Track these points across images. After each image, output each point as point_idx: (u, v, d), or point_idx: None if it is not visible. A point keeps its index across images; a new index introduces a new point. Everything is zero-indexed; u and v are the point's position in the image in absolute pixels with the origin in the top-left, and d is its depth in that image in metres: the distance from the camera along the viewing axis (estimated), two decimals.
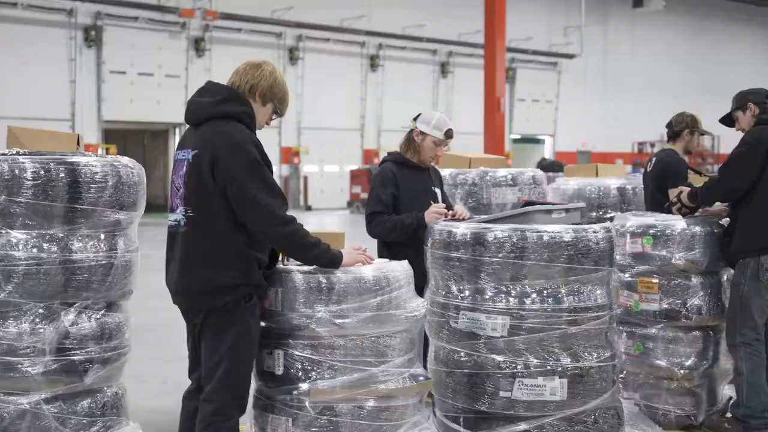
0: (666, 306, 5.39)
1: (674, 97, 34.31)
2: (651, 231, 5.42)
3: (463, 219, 4.83)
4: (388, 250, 5.11)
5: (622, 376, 5.57)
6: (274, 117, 3.99)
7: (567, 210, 4.70)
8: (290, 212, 3.80)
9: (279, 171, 29.55)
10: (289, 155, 29.57)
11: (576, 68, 37.03)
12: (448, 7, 32.11)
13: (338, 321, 3.81)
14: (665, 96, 35.87)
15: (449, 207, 5.13)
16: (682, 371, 5.38)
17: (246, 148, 3.68)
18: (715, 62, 40.64)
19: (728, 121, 5.76)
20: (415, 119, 5.20)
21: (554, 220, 4.53)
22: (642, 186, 6.38)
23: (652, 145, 34.03)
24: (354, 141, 31.52)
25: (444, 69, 33.71)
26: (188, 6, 27.14)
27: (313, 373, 3.86)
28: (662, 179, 5.96)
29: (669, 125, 6.40)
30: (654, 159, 6.37)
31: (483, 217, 4.78)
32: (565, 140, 37.07)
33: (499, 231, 4.26)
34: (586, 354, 4.32)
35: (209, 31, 28.18)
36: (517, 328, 4.24)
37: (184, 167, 3.79)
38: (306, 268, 3.90)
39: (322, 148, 30.18)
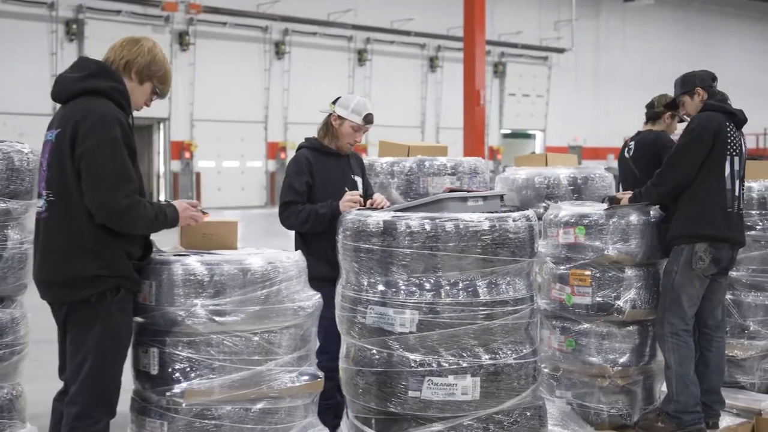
0: (599, 299, 5.12)
1: (666, 91, 33.64)
2: (584, 221, 5.15)
3: (381, 208, 4.57)
4: (303, 242, 4.85)
5: (556, 373, 5.32)
6: (154, 98, 3.72)
7: (485, 198, 4.44)
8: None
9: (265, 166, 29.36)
10: (276, 150, 29.32)
11: (567, 63, 36.75)
12: (437, 0, 31.81)
13: (217, 316, 3.55)
14: (657, 90, 34.37)
15: (370, 196, 4.87)
16: (615, 368, 5.11)
17: (107, 126, 3.42)
18: (707, 56, 40.29)
19: (673, 106, 5.50)
20: (333, 103, 4.93)
21: (470, 209, 4.27)
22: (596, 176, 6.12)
23: None
24: None
25: (433, 63, 33.42)
26: None
27: (191, 373, 3.58)
28: (650, 159, 5.62)
29: (650, 105, 6.14)
30: (633, 143, 6.09)
31: (396, 205, 4.52)
32: (555, 135, 36.76)
33: (410, 220, 4.00)
34: (503, 350, 4.07)
35: (193, 25, 27.88)
36: (429, 323, 3.97)
37: (48, 148, 3.52)
38: (185, 259, 3.62)
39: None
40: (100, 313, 3.44)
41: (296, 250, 4.89)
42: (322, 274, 4.68)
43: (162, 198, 28.32)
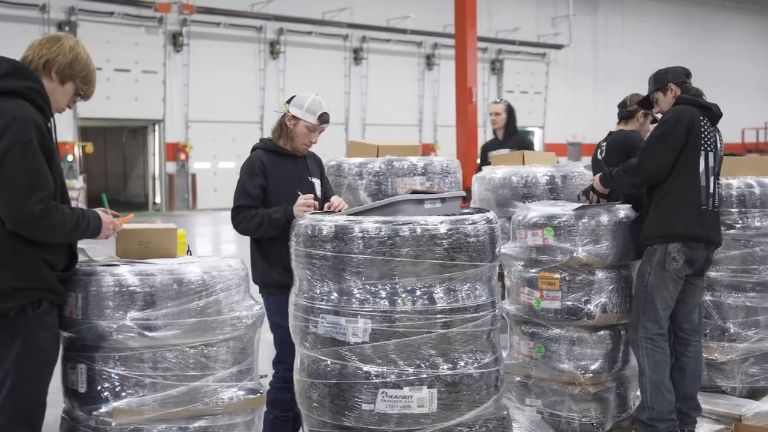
0: (568, 304, 4.91)
1: None
2: (553, 222, 4.95)
3: (339, 211, 4.38)
4: (258, 248, 4.66)
5: (527, 381, 5.12)
6: (78, 99, 3.52)
7: (443, 200, 4.24)
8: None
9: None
10: None
11: (565, 59, 36.57)
12: None
13: (148, 330, 3.34)
14: None
15: (329, 198, 4.67)
16: (586, 375, 4.89)
17: (21, 128, 3.20)
18: (706, 51, 40.13)
19: (647, 103, 5.30)
20: (288, 102, 4.74)
21: (427, 211, 4.07)
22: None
23: None
24: (339, 135, 31.04)
25: (429, 61, 33.25)
26: (164, 0, 26.67)
27: (121, 391, 3.37)
28: (622, 159, 5.44)
29: (622, 105, 5.96)
30: (605, 144, 5.91)
31: (350, 209, 4.32)
32: (554, 132, 36.57)
33: (364, 224, 3.80)
34: (464, 359, 3.87)
35: (187, 26, 27.75)
36: (384, 332, 3.78)
37: None
38: (115, 269, 3.42)
39: None
40: (20, 328, 3.23)
41: (251, 255, 4.73)
42: (277, 281, 4.51)
43: (158, 200, 28.25)
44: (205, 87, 27.62)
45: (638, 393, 5.00)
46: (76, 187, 23.30)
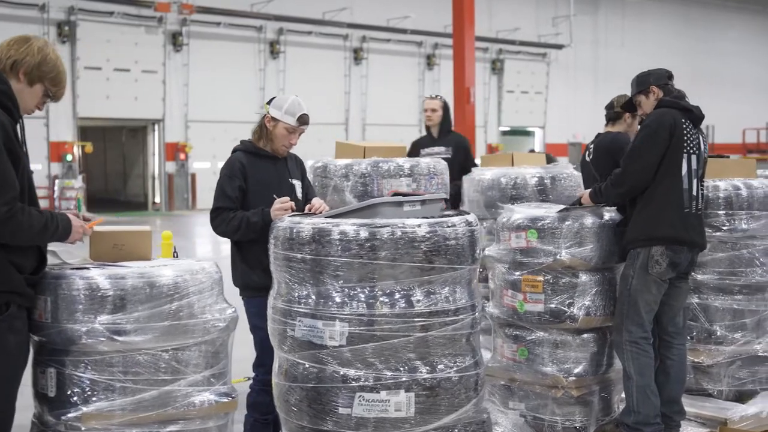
0: (552, 306, 4.87)
1: None
2: (537, 224, 4.91)
3: (320, 213, 4.36)
4: (238, 250, 4.63)
5: (510, 384, 5.09)
6: (47, 101, 3.49)
7: (423, 202, 4.21)
8: None
9: None
10: None
11: (565, 59, 36.51)
12: None
13: (118, 334, 3.31)
14: None
15: (310, 199, 4.65)
16: (569, 378, 4.85)
17: None
18: (707, 51, 40.06)
19: (630, 106, 5.27)
20: (268, 103, 4.71)
21: (406, 214, 4.05)
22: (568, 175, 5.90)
23: None
24: (339, 135, 31.02)
25: (430, 61, 33.20)
26: (164, 0, 26.65)
27: (92, 396, 3.34)
28: (609, 161, 5.41)
29: (609, 106, 5.94)
30: (592, 146, 5.88)
31: (329, 212, 4.30)
32: (555, 132, 36.51)
33: (342, 227, 3.78)
34: (443, 362, 3.85)
35: (187, 26, 27.72)
36: (361, 335, 3.76)
37: None
38: (85, 271, 3.39)
39: (304, 142, 29.46)
40: None
41: (231, 257, 4.70)
42: (257, 283, 4.49)
43: (157, 200, 28.22)
44: (205, 87, 27.59)
45: (623, 396, 4.96)
46: (75, 187, 23.31)
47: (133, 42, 26.83)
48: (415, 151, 7.49)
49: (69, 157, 25.20)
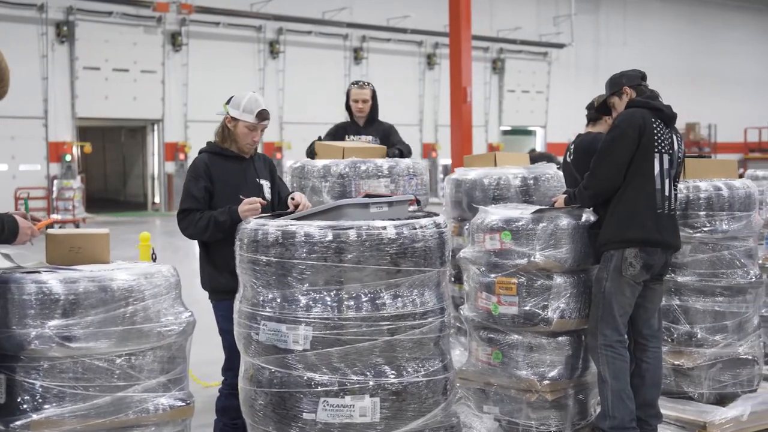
0: (526, 309, 4.80)
1: (667, 86, 33.06)
2: (511, 225, 4.84)
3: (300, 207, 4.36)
4: (206, 252, 4.58)
5: (485, 387, 5.02)
6: None
7: (390, 204, 4.15)
8: None
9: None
10: (272, 150, 29.05)
11: (567, 58, 36.36)
12: None
13: (69, 340, 3.25)
14: (658, 85, 34.01)
15: (284, 198, 4.61)
16: (544, 382, 4.78)
17: None
18: (709, 51, 39.89)
19: (605, 108, 5.21)
20: (227, 103, 4.66)
21: (372, 215, 3.99)
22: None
23: None
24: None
25: (430, 61, 33.07)
26: (163, 0, 26.59)
27: (43, 402, 3.27)
28: (589, 161, 5.33)
29: (590, 107, 5.86)
30: (573, 146, 5.81)
31: (295, 213, 4.24)
32: (556, 131, 36.33)
33: (308, 229, 3.72)
34: (411, 366, 3.79)
35: (186, 26, 27.64)
36: (326, 339, 3.70)
37: None
38: (36, 275, 3.33)
39: (305, 142, 29.40)
40: None
41: (199, 260, 4.64)
42: (225, 286, 4.44)
43: (157, 200, 28.17)
44: (204, 87, 27.48)
45: (599, 400, 4.89)
46: (74, 187, 23.23)
47: (132, 42, 26.76)
48: (340, 135, 7.09)
49: (68, 158, 25.15)
